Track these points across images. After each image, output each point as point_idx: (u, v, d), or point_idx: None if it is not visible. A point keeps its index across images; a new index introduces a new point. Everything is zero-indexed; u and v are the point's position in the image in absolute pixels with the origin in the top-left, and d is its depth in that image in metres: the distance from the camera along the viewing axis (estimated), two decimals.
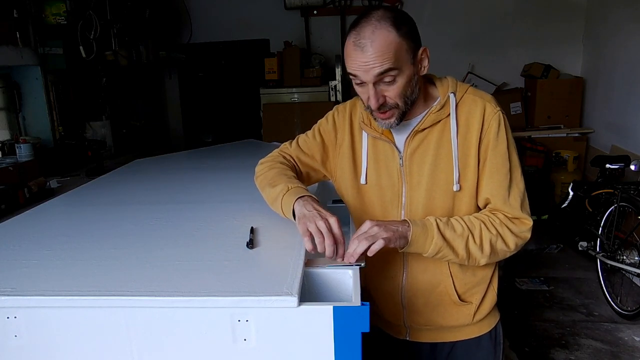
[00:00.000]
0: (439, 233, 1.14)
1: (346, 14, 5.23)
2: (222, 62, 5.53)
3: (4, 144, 3.42)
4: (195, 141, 5.53)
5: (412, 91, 1.17)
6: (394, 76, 1.12)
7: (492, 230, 1.18)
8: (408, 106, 1.19)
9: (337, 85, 4.58)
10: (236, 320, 0.93)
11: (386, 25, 1.10)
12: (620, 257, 3.19)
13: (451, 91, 1.23)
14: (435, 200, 1.24)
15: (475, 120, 1.21)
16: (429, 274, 1.30)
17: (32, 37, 3.47)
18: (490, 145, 1.21)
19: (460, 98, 1.23)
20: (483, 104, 1.22)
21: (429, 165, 1.23)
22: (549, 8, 5.08)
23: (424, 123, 1.23)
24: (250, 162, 1.56)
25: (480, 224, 1.18)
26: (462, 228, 1.17)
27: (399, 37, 1.10)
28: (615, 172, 3.51)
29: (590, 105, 4.90)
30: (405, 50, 1.11)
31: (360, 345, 0.92)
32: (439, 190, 1.24)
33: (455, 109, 1.22)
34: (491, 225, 1.18)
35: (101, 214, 1.54)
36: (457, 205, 1.24)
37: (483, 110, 1.21)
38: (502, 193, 1.20)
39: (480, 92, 1.27)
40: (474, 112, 1.22)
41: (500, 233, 1.18)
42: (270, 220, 1.36)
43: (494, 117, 1.20)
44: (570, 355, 2.78)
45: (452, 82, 1.26)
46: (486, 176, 1.21)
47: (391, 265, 1.33)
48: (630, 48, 4.17)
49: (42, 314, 0.97)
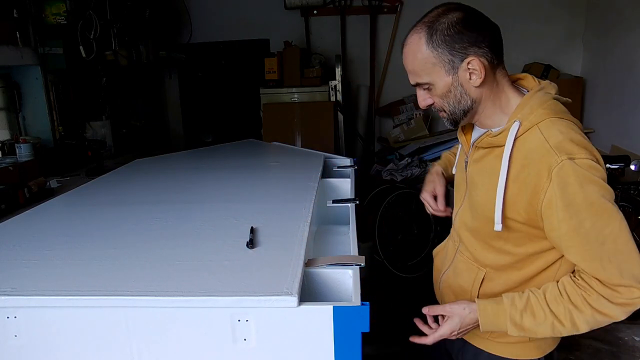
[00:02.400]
0: (514, 326, 1.07)
1: (346, 14, 5.23)
2: (222, 62, 5.53)
3: (4, 144, 3.41)
4: (195, 141, 5.53)
5: (457, 101, 1.08)
6: (428, 86, 1.09)
7: (586, 309, 1.02)
8: (458, 115, 1.11)
9: (337, 85, 4.58)
10: (236, 320, 0.93)
11: (420, 33, 1.05)
12: None
13: (519, 118, 1.05)
14: (481, 221, 1.16)
15: (534, 167, 1.01)
16: (461, 279, 1.27)
17: (32, 37, 3.46)
18: (554, 208, 0.99)
19: (526, 130, 1.04)
20: (545, 150, 1.00)
21: (482, 186, 1.15)
22: (549, 8, 5.08)
23: (481, 142, 1.13)
24: (250, 162, 1.56)
25: (568, 306, 1.03)
26: (544, 315, 1.05)
27: (430, 48, 1.04)
28: (615, 172, 3.50)
29: (590, 105, 4.90)
30: (434, 64, 1.05)
31: (360, 345, 0.92)
32: (483, 216, 1.14)
33: (514, 142, 1.05)
34: (583, 302, 1.02)
35: (101, 214, 1.54)
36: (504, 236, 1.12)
37: (542, 156, 1.00)
38: (590, 258, 1.00)
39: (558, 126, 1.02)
40: (533, 155, 1.02)
41: (598, 308, 1.01)
42: (270, 220, 1.36)
43: (556, 171, 0.97)
44: (570, 355, 2.77)
45: (532, 105, 1.06)
46: (564, 240, 1.01)
47: (446, 254, 1.37)
48: (630, 48, 4.17)
49: (42, 314, 0.97)
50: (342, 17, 5.24)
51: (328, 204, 1.66)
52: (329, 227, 1.66)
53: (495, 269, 1.19)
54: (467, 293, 1.25)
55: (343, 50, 5.28)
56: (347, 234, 1.47)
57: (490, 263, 1.19)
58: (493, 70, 1.07)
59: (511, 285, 1.17)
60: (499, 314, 1.09)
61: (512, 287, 1.17)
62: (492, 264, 1.19)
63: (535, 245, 1.10)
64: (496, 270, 1.19)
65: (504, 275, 1.18)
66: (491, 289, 1.20)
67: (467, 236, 1.24)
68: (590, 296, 1.02)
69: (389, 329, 2.02)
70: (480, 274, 1.21)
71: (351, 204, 1.62)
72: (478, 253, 1.21)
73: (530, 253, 1.12)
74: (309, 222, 1.33)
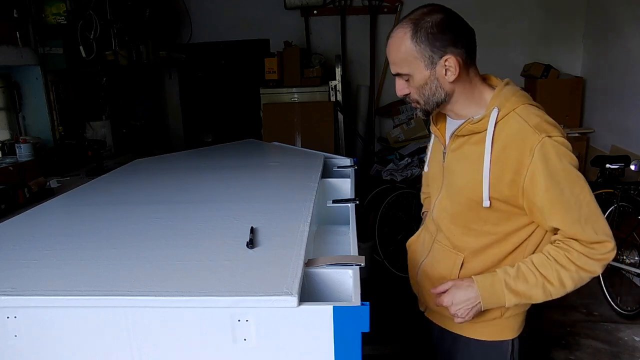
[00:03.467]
0: (510, 292, 1.19)
1: (346, 14, 5.23)
2: (222, 62, 5.53)
3: (4, 143, 3.41)
4: (195, 141, 5.53)
5: (432, 93, 1.21)
6: (407, 77, 1.21)
7: (570, 267, 1.16)
8: (431, 106, 1.23)
9: (337, 85, 4.58)
10: (236, 320, 0.93)
11: (404, 28, 1.17)
12: (621, 257, 3.19)
13: (497, 105, 1.19)
14: (462, 206, 1.28)
15: (514, 147, 1.15)
16: (441, 266, 1.36)
17: (32, 37, 3.46)
18: (539, 180, 1.13)
19: (505, 115, 1.18)
20: (525, 131, 1.15)
21: (462, 172, 1.26)
22: (549, 8, 5.08)
23: (462, 130, 1.25)
24: (250, 162, 1.56)
25: (555, 266, 1.17)
26: (535, 278, 1.18)
27: (413, 42, 1.15)
28: (615, 172, 3.50)
29: (590, 105, 4.90)
30: (415, 57, 1.17)
31: (360, 345, 0.92)
32: (466, 199, 1.25)
33: (495, 126, 1.18)
34: (568, 261, 1.16)
35: (101, 214, 1.54)
36: (481, 215, 1.24)
37: (523, 138, 1.14)
38: (571, 221, 1.15)
39: (531, 113, 1.18)
40: (514, 137, 1.16)
41: (580, 265, 1.16)
42: (270, 220, 1.36)
43: (537, 148, 1.13)
44: (570, 355, 2.78)
45: (506, 95, 1.21)
46: (547, 208, 1.15)
47: (423, 245, 1.45)
48: (630, 48, 4.17)
49: (42, 314, 0.97)
50: (342, 17, 5.24)
51: (328, 204, 1.66)
52: (329, 227, 1.66)
53: (473, 253, 1.30)
54: (446, 279, 1.32)
55: (343, 50, 5.28)
56: (347, 234, 1.47)
57: (468, 246, 1.30)
58: (467, 68, 1.21)
59: (488, 265, 1.28)
60: (495, 282, 1.21)
61: (490, 266, 1.28)
62: (470, 247, 1.30)
63: (512, 223, 1.24)
64: (474, 253, 1.30)
65: (481, 256, 1.29)
66: (470, 272, 1.29)
67: (446, 224, 1.34)
68: (572, 255, 1.16)
69: (389, 329, 2.02)
70: (458, 260, 1.31)
71: (351, 204, 1.62)
72: (457, 239, 1.31)
73: (507, 231, 1.25)
74: (309, 222, 1.33)
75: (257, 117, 4.74)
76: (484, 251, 1.28)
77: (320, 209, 1.67)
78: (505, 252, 1.26)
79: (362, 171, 4.59)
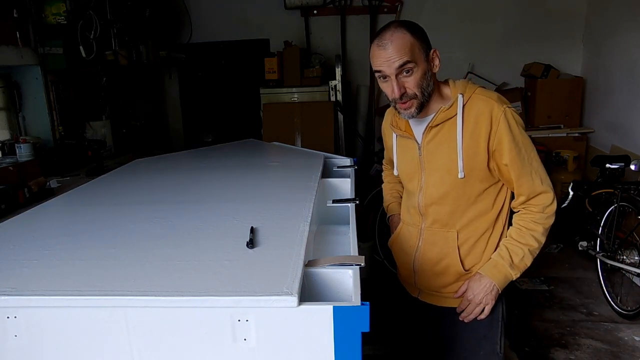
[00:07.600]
0: (510, 267, 1.46)
1: (346, 14, 5.23)
2: (222, 62, 5.53)
3: (4, 143, 3.42)
4: (195, 141, 5.53)
5: (427, 84, 1.40)
6: (412, 68, 1.36)
7: (539, 228, 1.46)
8: (425, 97, 1.42)
9: (337, 85, 4.58)
10: (236, 320, 0.93)
11: (402, 29, 1.36)
12: (620, 257, 3.19)
13: (460, 92, 1.44)
14: (446, 185, 1.48)
15: (484, 118, 1.41)
16: (437, 247, 1.55)
17: (32, 37, 3.46)
18: (505, 142, 1.40)
19: (469, 98, 1.44)
20: (491, 105, 1.41)
21: (441, 155, 1.47)
22: (549, 8, 5.08)
23: (436, 120, 1.45)
24: (250, 162, 1.57)
25: (529, 233, 1.47)
26: (521, 249, 1.46)
27: (413, 37, 1.36)
28: (615, 172, 3.50)
29: (590, 105, 4.90)
30: (418, 48, 1.37)
31: (360, 345, 0.92)
32: (449, 177, 1.47)
33: (463, 108, 1.43)
34: (534, 224, 1.46)
35: (101, 214, 1.54)
36: (463, 189, 1.48)
37: (491, 110, 1.41)
38: (525, 173, 1.43)
39: (488, 92, 1.46)
40: (483, 111, 1.41)
41: (543, 222, 1.47)
42: (270, 220, 1.36)
43: (502, 116, 1.40)
44: (570, 355, 2.78)
45: (463, 85, 1.47)
46: (510, 164, 1.42)
47: (409, 237, 1.62)
48: (630, 48, 4.17)
49: (42, 314, 0.97)
50: (342, 17, 5.24)
51: (328, 204, 1.66)
52: (329, 227, 1.66)
53: (464, 226, 1.51)
54: (449, 255, 1.53)
55: (343, 50, 5.27)
56: (347, 234, 1.47)
57: (459, 222, 1.51)
58: None
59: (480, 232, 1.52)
60: (497, 265, 1.47)
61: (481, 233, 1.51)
62: (461, 222, 1.51)
63: (485, 182, 1.48)
64: (465, 226, 1.51)
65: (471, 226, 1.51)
66: (466, 238, 1.52)
67: (435, 209, 1.53)
68: (534, 216, 1.47)
69: (389, 329, 2.02)
70: (453, 234, 1.52)
71: (351, 204, 1.62)
72: (447, 218, 1.52)
73: (488, 201, 1.50)
74: (309, 222, 1.33)
75: (257, 117, 4.74)
76: (472, 223, 1.51)
77: (320, 209, 1.67)
78: (491, 220, 1.52)
79: (362, 171, 4.59)
